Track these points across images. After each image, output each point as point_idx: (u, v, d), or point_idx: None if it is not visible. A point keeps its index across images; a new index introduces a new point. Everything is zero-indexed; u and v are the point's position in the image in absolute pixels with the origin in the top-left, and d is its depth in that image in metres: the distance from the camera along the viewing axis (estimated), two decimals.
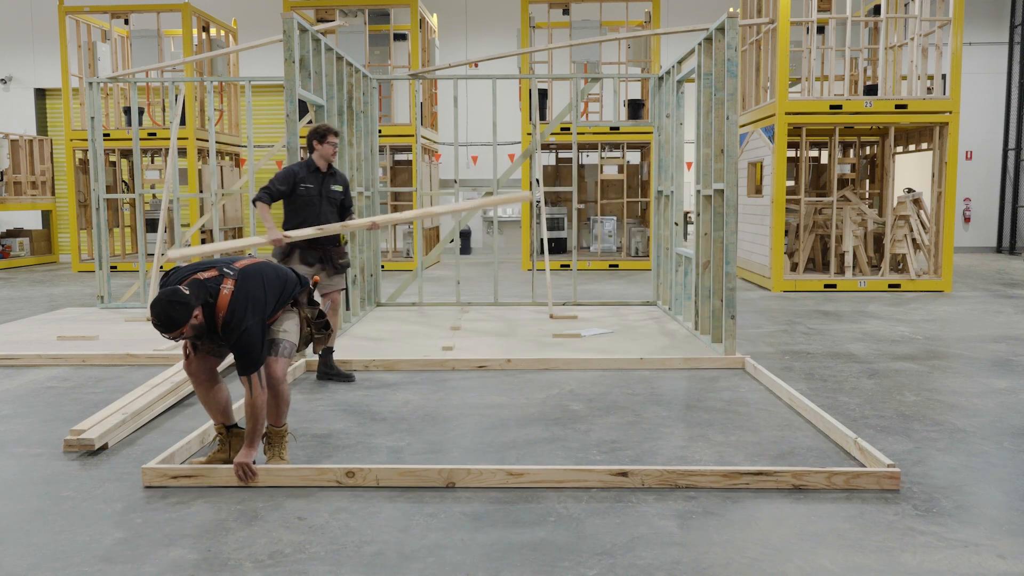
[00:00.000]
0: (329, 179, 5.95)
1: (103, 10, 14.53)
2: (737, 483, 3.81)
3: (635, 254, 15.55)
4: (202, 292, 3.68)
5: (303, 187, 5.80)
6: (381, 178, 15.29)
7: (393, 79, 10.53)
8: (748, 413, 5.11)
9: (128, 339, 7.57)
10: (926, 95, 11.36)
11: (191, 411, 5.23)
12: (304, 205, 5.82)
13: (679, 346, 7.16)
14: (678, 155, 8.53)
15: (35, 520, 3.53)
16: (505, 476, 3.85)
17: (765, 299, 10.48)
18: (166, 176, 9.42)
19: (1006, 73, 18.26)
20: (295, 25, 6.58)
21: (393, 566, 3.09)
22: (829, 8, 12.34)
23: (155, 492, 3.82)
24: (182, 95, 9.91)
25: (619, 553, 3.18)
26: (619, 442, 4.54)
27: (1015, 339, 7.61)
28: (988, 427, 4.81)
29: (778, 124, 10.99)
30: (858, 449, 4.17)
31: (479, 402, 5.42)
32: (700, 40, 7.31)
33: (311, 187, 5.82)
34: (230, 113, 16.18)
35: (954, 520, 3.47)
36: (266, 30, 17.30)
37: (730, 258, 6.60)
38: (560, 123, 9.98)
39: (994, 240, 18.53)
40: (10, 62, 18.49)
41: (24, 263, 16.45)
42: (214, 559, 3.15)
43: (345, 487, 3.84)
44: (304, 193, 5.80)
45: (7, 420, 5.06)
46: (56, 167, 17.99)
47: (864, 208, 11.94)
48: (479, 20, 18.53)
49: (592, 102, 16.29)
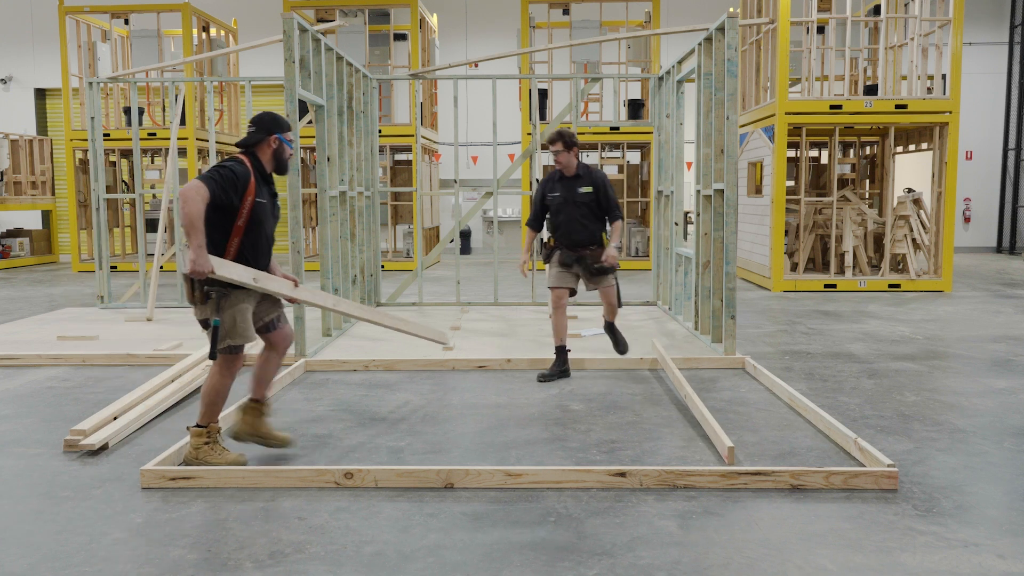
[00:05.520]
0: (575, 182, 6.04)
1: (103, 10, 14.53)
2: (736, 483, 3.81)
3: (635, 254, 15.55)
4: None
5: (550, 196, 6.08)
6: (381, 178, 15.30)
7: (393, 79, 10.53)
8: (748, 413, 5.11)
9: (128, 339, 7.58)
10: (926, 95, 11.36)
11: (191, 411, 5.22)
12: (555, 212, 6.08)
13: (679, 346, 7.15)
14: (678, 155, 8.53)
15: (35, 520, 3.53)
16: (504, 477, 3.85)
17: (765, 299, 10.48)
18: (166, 176, 9.42)
19: (1006, 73, 18.26)
20: (295, 25, 6.58)
21: (393, 566, 3.09)
22: (829, 8, 12.35)
23: (155, 492, 3.82)
24: (182, 95, 9.91)
25: (619, 553, 3.18)
26: (619, 442, 4.54)
27: (1015, 339, 7.61)
28: (988, 427, 4.81)
29: (778, 124, 10.99)
30: (858, 449, 4.17)
31: (479, 402, 5.42)
32: (700, 40, 7.31)
33: (557, 195, 6.05)
34: (230, 113, 16.18)
35: (954, 520, 3.47)
36: (266, 30, 17.30)
37: (730, 258, 6.60)
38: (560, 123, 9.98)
39: (994, 240, 18.53)
40: (10, 62, 18.49)
41: (24, 263, 16.45)
42: (214, 559, 3.15)
43: (345, 487, 3.84)
44: (551, 201, 6.07)
45: (7, 420, 5.06)
46: (56, 167, 18.00)
47: (864, 208, 11.94)
48: (479, 20, 18.53)
49: (592, 102, 16.29)
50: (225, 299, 4.00)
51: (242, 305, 4.06)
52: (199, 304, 4.00)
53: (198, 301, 3.99)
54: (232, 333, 4.03)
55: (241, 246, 4.05)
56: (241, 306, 4.05)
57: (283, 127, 4.22)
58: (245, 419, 4.28)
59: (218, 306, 3.99)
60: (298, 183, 6.50)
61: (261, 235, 4.13)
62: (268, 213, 4.15)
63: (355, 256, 8.51)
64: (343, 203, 8.01)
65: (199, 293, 3.96)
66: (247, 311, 4.09)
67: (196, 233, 3.76)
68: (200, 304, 4.00)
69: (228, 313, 4.01)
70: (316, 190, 10.06)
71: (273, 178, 4.27)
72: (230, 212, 3.98)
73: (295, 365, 6.20)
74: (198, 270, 3.76)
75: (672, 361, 6.12)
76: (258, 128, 4.17)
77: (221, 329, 4.00)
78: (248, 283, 3.98)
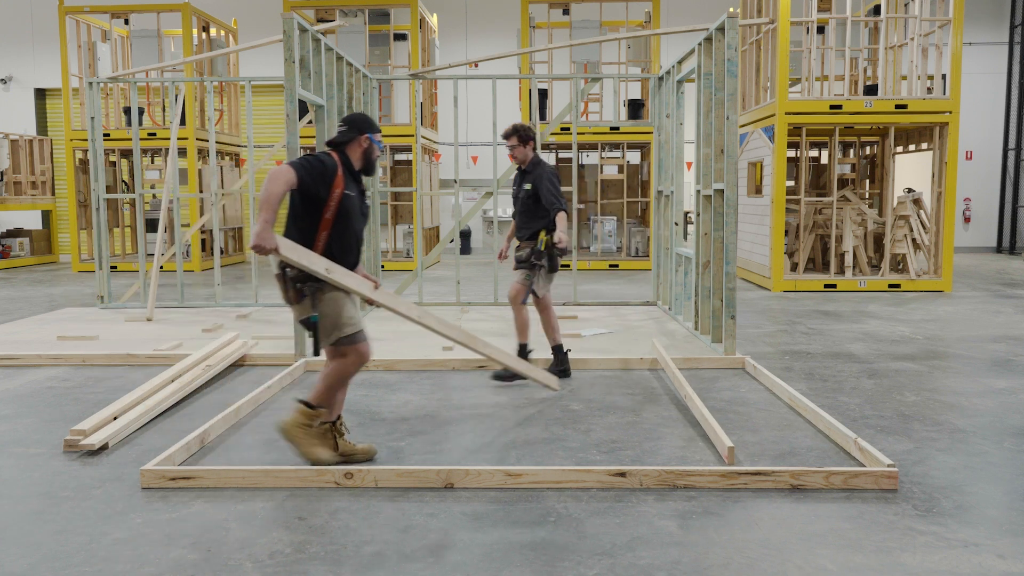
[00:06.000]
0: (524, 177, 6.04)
1: (103, 10, 14.54)
2: (736, 483, 3.80)
3: (635, 254, 15.55)
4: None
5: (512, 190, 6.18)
6: (381, 178, 15.30)
7: (393, 79, 10.53)
8: (748, 413, 5.11)
9: (128, 339, 7.58)
10: (926, 95, 11.36)
11: (191, 411, 5.23)
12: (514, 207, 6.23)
13: (679, 346, 7.15)
14: (678, 155, 8.53)
15: (35, 520, 3.53)
16: (504, 477, 3.85)
17: (765, 299, 10.48)
18: (166, 176, 9.42)
19: (1006, 73, 18.26)
20: (295, 25, 6.58)
21: (393, 566, 3.09)
22: (829, 8, 12.35)
23: (155, 492, 3.81)
24: (182, 95, 9.91)
25: (619, 553, 3.18)
26: (619, 442, 4.54)
27: (1015, 339, 7.60)
28: (988, 427, 4.81)
29: (778, 124, 10.99)
30: (858, 449, 4.17)
31: (479, 402, 5.42)
32: (700, 40, 7.31)
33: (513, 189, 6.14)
34: (230, 113, 16.18)
35: (954, 520, 3.47)
36: (266, 30, 17.30)
37: (730, 258, 6.60)
38: (560, 123, 9.98)
39: (994, 240, 18.53)
40: (10, 62, 18.49)
41: (24, 263, 16.45)
42: (214, 559, 3.15)
43: (344, 487, 3.84)
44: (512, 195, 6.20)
45: (7, 420, 5.06)
46: (56, 167, 18.00)
47: (864, 208, 11.94)
48: (479, 20, 18.53)
49: (592, 102, 16.29)
50: (320, 293, 3.97)
51: (337, 295, 4.01)
52: (294, 303, 3.98)
53: (293, 300, 3.97)
54: (339, 324, 3.99)
55: (329, 240, 4.02)
56: (336, 296, 4.00)
57: (374, 128, 4.22)
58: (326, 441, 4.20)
59: (314, 302, 3.96)
60: None
61: (349, 230, 4.09)
62: (356, 209, 4.13)
63: None
64: None
65: (293, 292, 3.95)
66: (346, 299, 4.04)
67: (266, 208, 3.75)
68: (296, 303, 3.98)
69: (327, 306, 3.98)
70: None
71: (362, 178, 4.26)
72: (318, 204, 3.96)
73: (295, 365, 6.20)
74: (260, 244, 3.73)
75: (672, 361, 6.12)
76: (350, 127, 4.16)
77: (326, 323, 3.97)
78: (319, 272, 3.91)
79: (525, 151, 5.96)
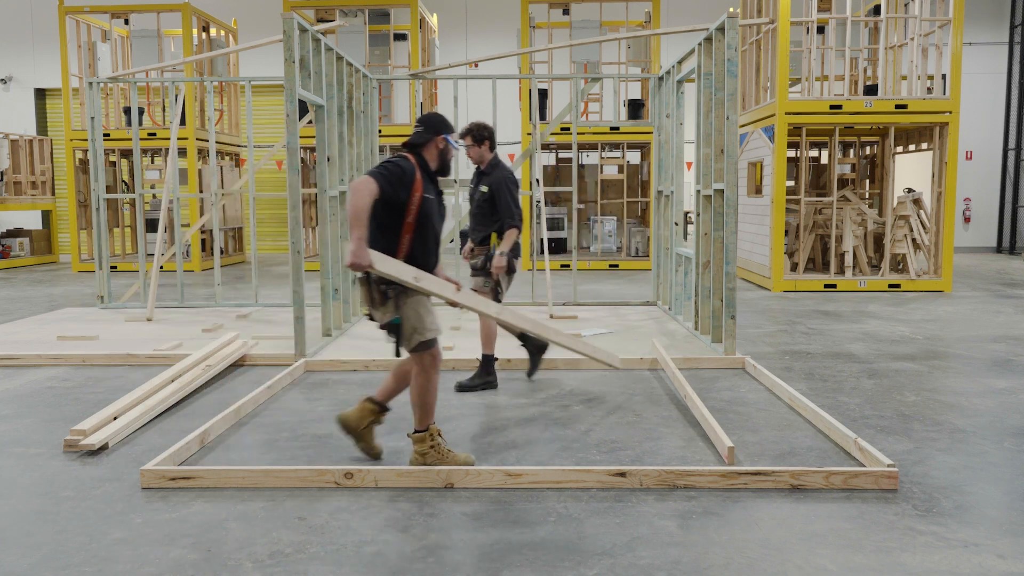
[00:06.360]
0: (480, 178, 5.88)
1: (103, 10, 14.54)
2: (736, 483, 3.81)
3: (635, 254, 15.55)
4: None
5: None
6: None
7: (393, 79, 10.53)
8: (748, 413, 5.11)
9: (128, 339, 7.58)
10: (926, 95, 11.36)
11: (191, 411, 5.23)
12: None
13: (679, 346, 7.15)
14: (678, 155, 8.53)
15: (35, 520, 3.53)
16: (503, 477, 3.85)
17: (765, 299, 10.48)
18: (166, 176, 9.42)
19: (1006, 73, 18.26)
20: (295, 25, 6.58)
21: (393, 566, 3.09)
22: (829, 8, 12.35)
23: (155, 492, 3.82)
24: (182, 95, 9.91)
25: (619, 553, 3.18)
26: (619, 442, 4.54)
27: (1015, 339, 7.60)
28: (988, 427, 4.81)
29: (778, 124, 10.99)
30: (858, 449, 4.17)
31: (479, 402, 5.42)
32: (700, 40, 7.31)
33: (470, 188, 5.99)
34: (230, 113, 16.18)
35: (954, 520, 3.47)
36: (266, 30, 17.30)
37: (730, 258, 6.60)
38: (560, 123, 9.98)
39: (994, 240, 18.53)
40: (10, 62, 18.49)
41: (24, 263, 16.45)
42: (214, 559, 3.15)
43: (345, 487, 3.84)
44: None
45: (7, 420, 5.06)
46: (56, 167, 18.00)
47: (864, 208, 11.94)
48: (479, 20, 18.53)
49: (592, 102, 16.29)
50: (403, 296, 3.98)
51: (422, 298, 4.04)
52: (378, 306, 3.99)
53: (377, 303, 3.98)
54: (420, 329, 4.01)
55: (412, 244, 4.04)
56: (421, 298, 4.03)
57: (449, 128, 4.24)
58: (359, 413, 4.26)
59: (397, 304, 3.98)
60: (298, 183, 6.50)
61: (430, 233, 4.11)
62: (435, 210, 4.14)
63: None
64: (343, 203, 8.01)
65: (377, 294, 3.95)
66: (428, 303, 4.07)
67: (359, 225, 3.75)
68: (379, 306, 3.98)
69: (410, 310, 3.99)
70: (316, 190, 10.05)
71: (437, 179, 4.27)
72: (399, 209, 3.97)
73: (295, 365, 6.20)
74: (357, 262, 3.73)
75: (672, 361, 6.12)
76: (426, 128, 4.17)
77: (407, 327, 3.98)
78: (409, 281, 3.92)
79: (480, 151, 5.80)
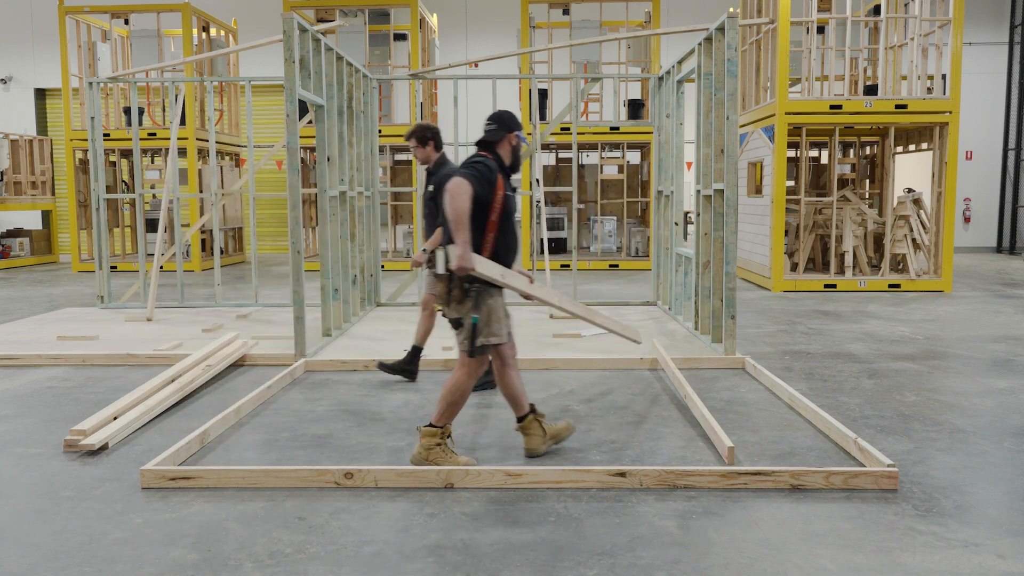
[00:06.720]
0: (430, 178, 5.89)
1: (103, 10, 14.54)
2: (736, 483, 3.80)
3: (635, 254, 15.55)
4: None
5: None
6: (381, 178, 15.30)
7: (393, 79, 10.53)
8: (748, 413, 5.11)
9: (128, 339, 7.58)
10: (926, 95, 11.36)
11: (191, 411, 5.23)
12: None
13: (679, 346, 7.15)
14: (678, 155, 8.53)
15: (35, 520, 3.53)
16: (504, 477, 3.85)
17: (765, 299, 10.48)
18: (166, 176, 9.42)
19: (1006, 73, 18.25)
20: (295, 25, 6.58)
21: (393, 566, 3.09)
22: (829, 8, 12.35)
23: (155, 492, 3.82)
24: (182, 95, 9.91)
25: (619, 553, 3.18)
26: (619, 442, 4.54)
27: (1015, 339, 7.60)
28: (988, 427, 4.81)
29: (778, 124, 10.99)
30: (858, 449, 4.17)
31: (479, 402, 5.41)
32: (700, 40, 7.31)
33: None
34: (230, 113, 16.18)
35: (954, 520, 3.47)
36: (266, 30, 17.30)
37: (730, 258, 6.60)
38: (560, 123, 9.98)
39: (994, 240, 18.53)
40: (10, 62, 18.49)
41: (24, 263, 16.45)
42: (214, 559, 3.15)
43: (345, 487, 3.84)
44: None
45: (7, 420, 5.06)
46: (56, 167, 18.00)
47: (864, 208, 11.94)
48: (479, 20, 18.53)
49: (592, 102, 16.29)
50: (483, 295, 4.00)
51: (496, 302, 4.07)
52: (456, 302, 4.00)
53: (456, 299, 3.98)
54: (487, 331, 4.03)
55: (496, 241, 4.07)
56: (496, 303, 4.06)
57: (519, 124, 4.29)
58: (536, 432, 4.28)
59: (477, 303, 4.00)
60: (298, 183, 6.50)
61: (510, 229, 4.15)
62: (513, 206, 4.19)
63: (355, 256, 8.51)
64: (343, 203, 8.01)
65: (458, 291, 3.96)
66: (500, 309, 4.10)
67: (463, 229, 3.77)
68: (458, 302, 3.99)
69: (486, 311, 4.02)
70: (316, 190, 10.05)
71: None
72: (484, 208, 4.00)
73: (295, 365, 6.20)
74: (465, 266, 3.76)
75: (672, 361, 6.12)
76: (499, 126, 4.21)
77: (481, 326, 4.00)
78: (498, 279, 3.96)
79: (425, 152, 5.88)
